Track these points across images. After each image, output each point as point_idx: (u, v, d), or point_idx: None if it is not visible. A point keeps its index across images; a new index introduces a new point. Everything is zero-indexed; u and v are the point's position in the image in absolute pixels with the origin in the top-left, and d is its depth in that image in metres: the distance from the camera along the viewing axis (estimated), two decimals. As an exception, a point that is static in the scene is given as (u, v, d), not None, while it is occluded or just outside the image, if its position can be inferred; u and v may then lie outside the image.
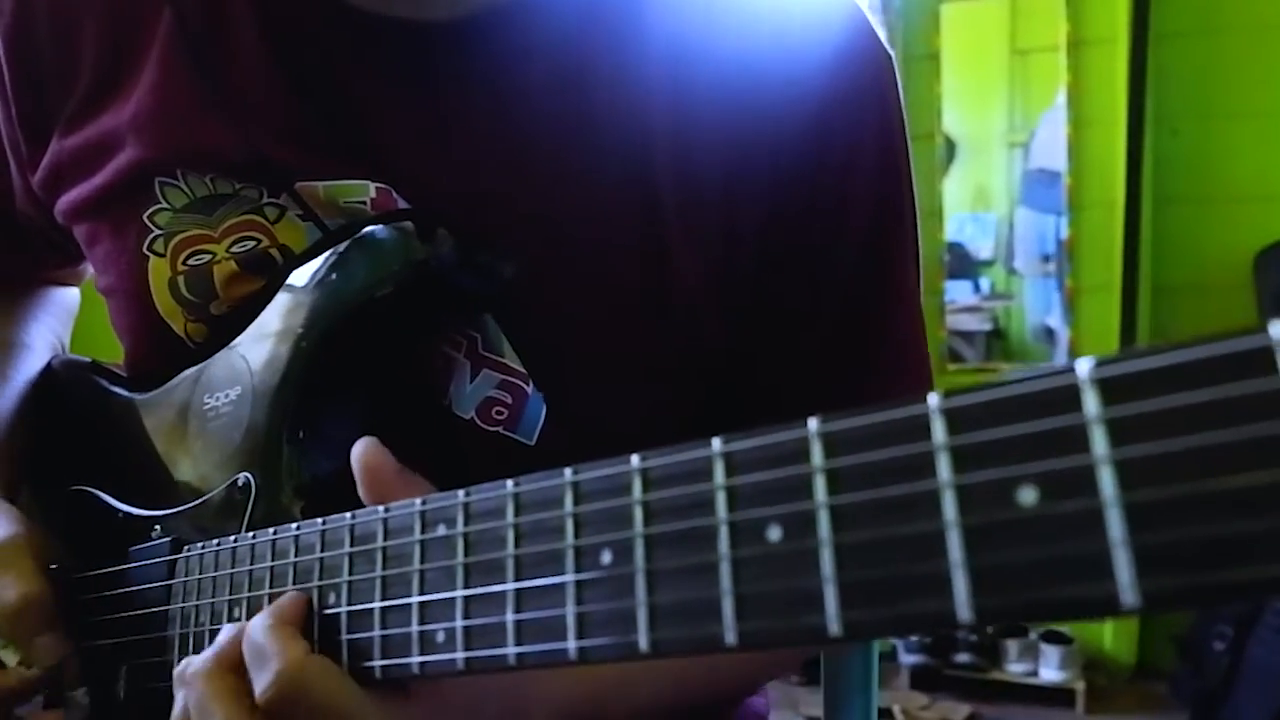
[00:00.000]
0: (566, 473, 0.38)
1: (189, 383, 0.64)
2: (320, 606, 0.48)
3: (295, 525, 0.51)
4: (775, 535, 0.32)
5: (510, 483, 0.40)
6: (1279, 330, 0.23)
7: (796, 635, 0.31)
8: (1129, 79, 3.00)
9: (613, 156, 0.61)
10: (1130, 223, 3.05)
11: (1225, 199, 3.05)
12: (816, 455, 0.31)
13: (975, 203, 3.44)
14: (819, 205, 0.63)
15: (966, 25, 3.33)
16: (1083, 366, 0.26)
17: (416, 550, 0.43)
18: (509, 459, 0.62)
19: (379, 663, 0.45)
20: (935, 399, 0.28)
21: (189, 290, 0.64)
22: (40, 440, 0.76)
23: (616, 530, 0.36)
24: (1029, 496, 0.26)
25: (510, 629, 0.39)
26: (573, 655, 0.37)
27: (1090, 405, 0.26)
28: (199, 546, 0.58)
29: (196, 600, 0.57)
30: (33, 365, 0.78)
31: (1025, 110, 3.33)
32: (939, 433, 0.28)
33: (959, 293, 3.43)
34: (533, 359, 0.62)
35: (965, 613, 0.27)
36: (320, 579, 0.48)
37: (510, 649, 0.39)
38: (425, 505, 0.44)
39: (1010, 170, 3.40)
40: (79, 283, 0.87)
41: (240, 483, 0.59)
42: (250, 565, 0.53)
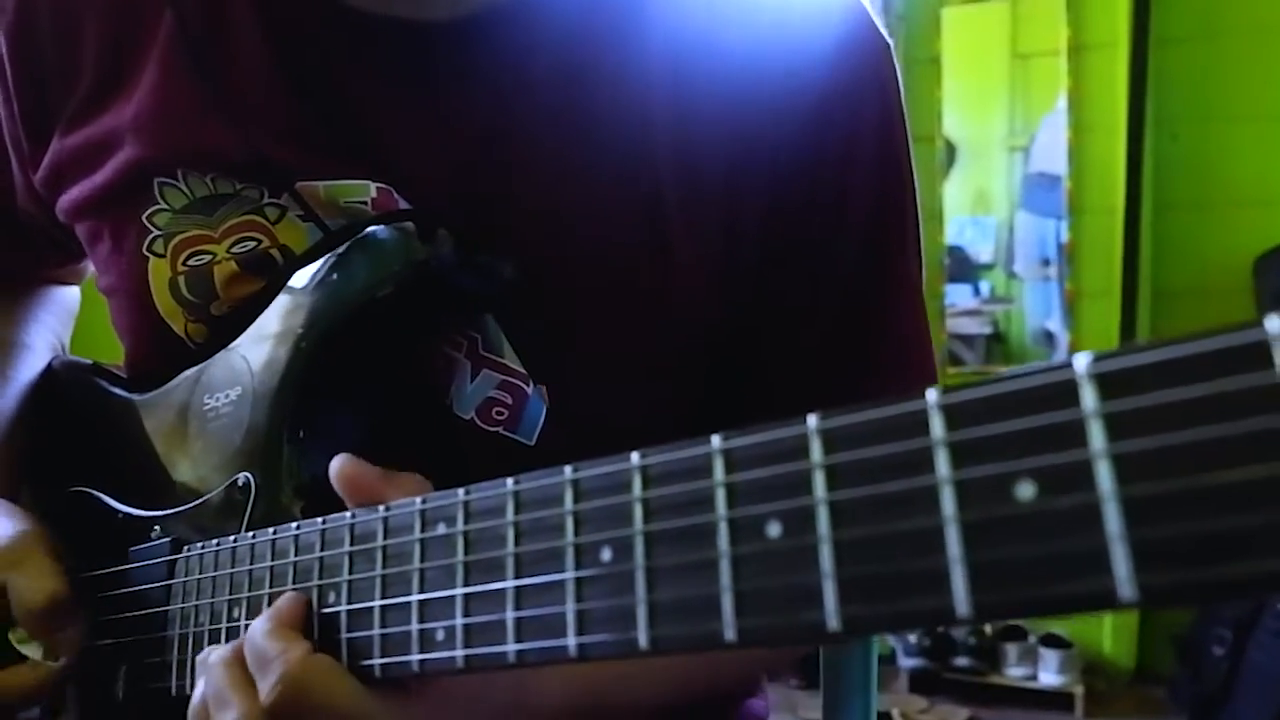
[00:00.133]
0: (566, 470, 0.38)
1: (189, 383, 0.64)
2: (320, 605, 0.48)
3: (295, 525, 0.51)
4: (775, 531, 0.32)
5: (510, 481, 0.40)
6: (1275, 325, 0.23)
7: (796, 631, 0.31)
8: (1129, 83, 3.00)
9: (614, 154, 0.61)
10: (1130, 227, 3.05)
11: (1225, 203, 3.05)
12: (816, 451, 0.31)
13: (975, 206, 3.45)
14: (818, 199, 0.63)
15: (967, 29, 3.34)
16: (1080, 362, 0.26)
17: (416, 549, 0.43)
18: (509, 459, 0.62)
19: (378, 661, 0.45)
20: (934, 394, 0.29)
21: (189, 291, 0.64)
22: (40, 441, 0.76)
23: (616, 527, 0.36)
24: (1027, 492, 0.27)
25: (510, 626, 0.39)
26: (573, 652, 0.37)
27: (1088, 400, 0.26)
28: (199, 547, 0.58)
29: (196, 600, 0.57)
30: (33, 365, 0.78)
31: (1026, 114, 3.34)
32: (937, 428, 0.28)
33: (959, 296, 3.44)
34: (533, 358, 0.62)
35: (964, 608, 0.27)
36: (320, 578, 0.48)
37: (510, 646, 0.39)
38: (425, 504, 0.44)
39: (1010, 174, 3.40)
40: (80, 281, 0.87)
41: (240, 483, 0.59)
42: (250, 565, 0.53)
